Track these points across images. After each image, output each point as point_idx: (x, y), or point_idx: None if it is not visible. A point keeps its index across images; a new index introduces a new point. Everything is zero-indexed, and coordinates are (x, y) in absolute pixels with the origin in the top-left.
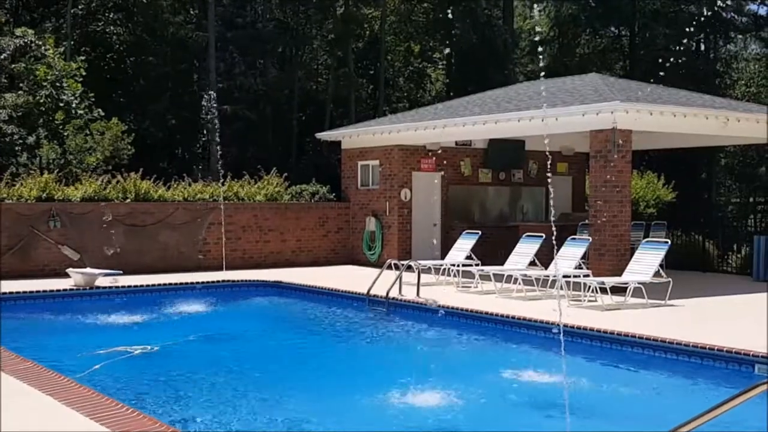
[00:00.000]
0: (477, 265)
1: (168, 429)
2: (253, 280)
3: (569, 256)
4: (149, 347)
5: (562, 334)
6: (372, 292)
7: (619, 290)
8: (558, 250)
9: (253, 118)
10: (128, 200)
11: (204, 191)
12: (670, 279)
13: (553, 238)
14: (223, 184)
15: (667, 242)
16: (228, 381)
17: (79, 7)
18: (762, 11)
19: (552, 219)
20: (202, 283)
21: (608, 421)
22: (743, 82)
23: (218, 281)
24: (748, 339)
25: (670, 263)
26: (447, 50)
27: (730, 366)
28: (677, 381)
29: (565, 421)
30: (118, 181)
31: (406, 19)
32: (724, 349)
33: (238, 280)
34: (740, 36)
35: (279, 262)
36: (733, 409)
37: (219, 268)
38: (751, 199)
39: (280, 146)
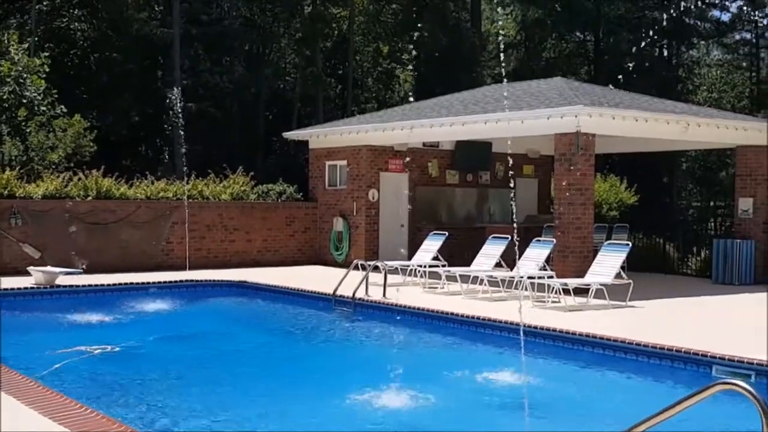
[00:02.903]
0: (444, 266)
1: (127, 429)
2: (218, 280)
3: (534, 257)
4: (109, 347)
5: (522, 335)
6: (338, 292)
7: (581, 291)
8: (521, 252)
9: (218, 116)
10: (90, 198)
11: (168, 189)
12: (630, 281)
13: (515, 239)
14: (187, 183)
15: (628, 244)
16: (189, 381)
17: (44, 3)
18: (724, 17)
19: (513, 220)
20: (165, 282)
21: (568, 420)
22: (705, 87)
23: (181, 281)
24: (707, 340)
25: (631, 265)
26: (414, 52)
27: (689, 367)
28: (637, 381)
29: (525, 420)
30: (80, 179)
31: (374, 20)
32: (683, 350)
33: (201, 280)
34: (703, 42)
35: (245, 262)
36: (690, 409)
37: (182, 268)
38: (712, 203)
39: (246, 145)
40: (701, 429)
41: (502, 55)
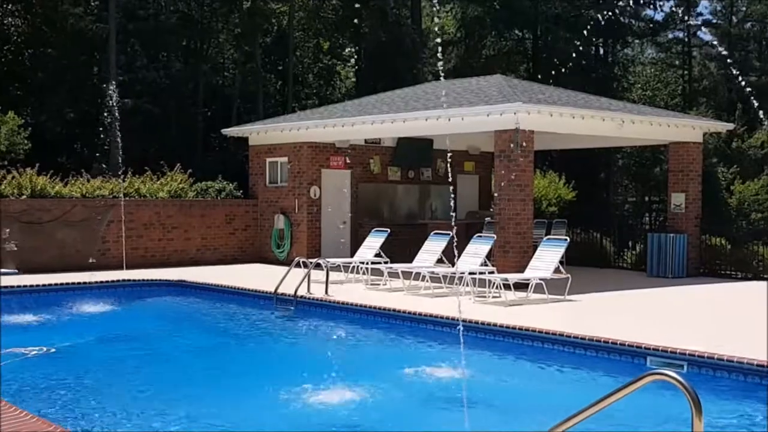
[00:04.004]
0: (386, 262)
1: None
2: (155, 280)
3: (475, 253)
4: (45, 348)
5: (461, 330)
6: (280, 290)
7: (521, 286)
8: (458, 249)
9: (156, 112)
10: (24, 197)
11: (104, 187)
12: (569, 275)
13: (454, 236)
14: (123, 180)
15: (566, 239)
16: (125, 382)
17: None
18: (658, 16)
19: (452, 216)
20: (102, 282)
21: (508, 413)
22: (639, 85)
23: (118, 280)
24: (642, 332)
25: (569, 260)
26: (355, 48)
27: (624, 358)
28: (576, 373)
29: (465, 414)
30: (13, 177)
31: (314, 16)
32: (618, 342)
33: (139, 280)
34: (637, 41)
35: (183, 261)
36: (631, 399)
37: (119, 267)
38: (647, 198)
39: (184, 142)
40: (643, 418)
41: (440, 54)
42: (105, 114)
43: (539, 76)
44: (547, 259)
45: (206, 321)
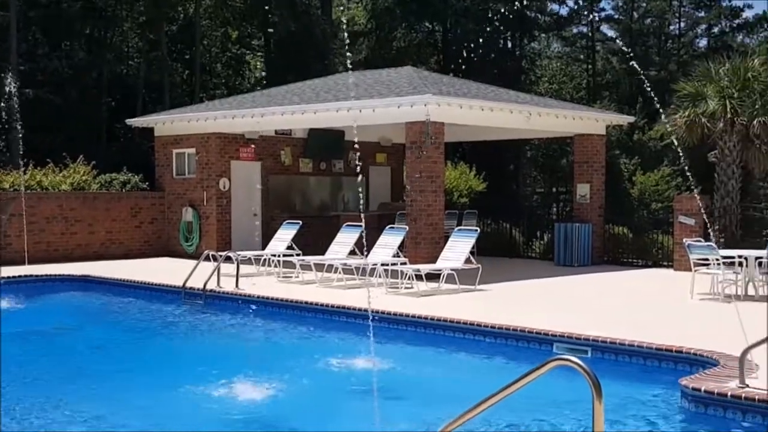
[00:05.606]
0: (298, 255)
1: None
2: (59, 275)
3: (387, 244)
4: None
5: (372, 321)
6: (188, 284)
7: (433, 277)
8: (367, 241)
9: (58, 102)
10: None
11: (4, 180)
12: (479, 265)
13: (363, 229)
14: (24, 173)
15: (477, 230)
16: (27, 381)
17: None
18: (563, 11)
19: (360, 208)
20: (2, 278)
21: (420, 402)
22: (546, 79)
23: (20, 276)
24: (549, 319)
25: (480, 250)
26: (264, 38)
27: (532, 345)
28: (485, 361)
29: (375, 404)
30: None
31: (222, 4)
32: (526, 329)
33: (42, 275)
34: (543, 35)
35: (87, 255)
36: (539, 385)
37: (21, 262)
38: (554, 189)
39: (88, 133)
40: (550, 402)
41: (349, 46)
42: (3, 104)
43: (453, 67)
44: (458, 249)
45: (112, 317)
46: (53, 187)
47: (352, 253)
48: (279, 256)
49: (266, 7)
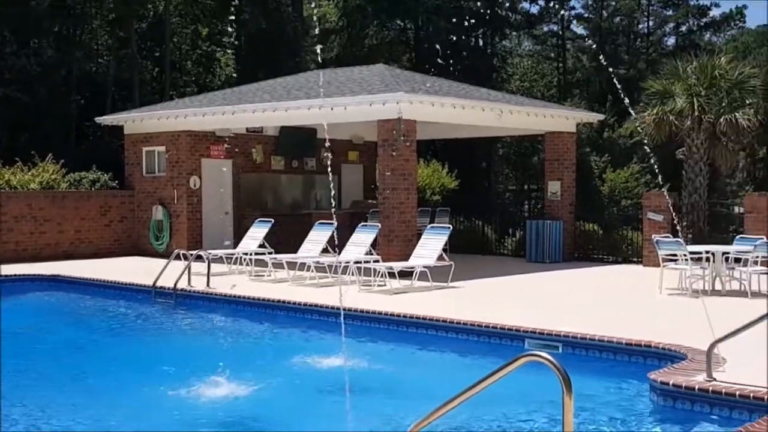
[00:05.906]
0: (270, 253)
1: None
2: (28, 275)
3: (360, 242)
4: None
5: (344, 319)
6: (159, 283)
7: (406, 274)
8: (339, 239)
9: (26, 100)
10: None
11: None
12: (452, 262)
13: (335, 227)
14: None
15: (449, 227)
16: None
17: None
18: (534, 9)
19: (332, 206)
20: None
21: (391, 399)
22: (518, 76)
23: None
24: (520, 316)
25: (453, 247)
26: (235, 35)
27: (504, 342)
28: (458, 358)
29: (348, 402)
30: None
31: (192, 1)
32: (498, 326)
33: (10, 275)
34: (515, 33)
35: (57, 255)
36: (511, 381)
37: None
38: (526, 187)
39: (56, 131)
40: (523, 397)
41: (320, 43)
42: None
43: (426, 66)
44: (430, 246)
45: (82, 317)
46: (22, 186)
47: (324, 251)
48: (251, 254)
49: (236, 3)
